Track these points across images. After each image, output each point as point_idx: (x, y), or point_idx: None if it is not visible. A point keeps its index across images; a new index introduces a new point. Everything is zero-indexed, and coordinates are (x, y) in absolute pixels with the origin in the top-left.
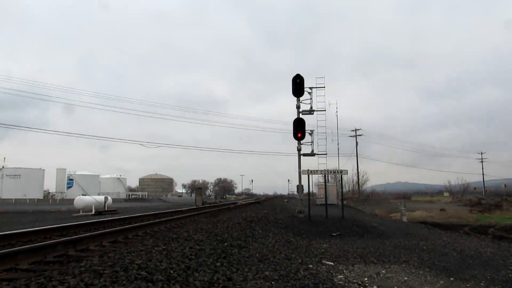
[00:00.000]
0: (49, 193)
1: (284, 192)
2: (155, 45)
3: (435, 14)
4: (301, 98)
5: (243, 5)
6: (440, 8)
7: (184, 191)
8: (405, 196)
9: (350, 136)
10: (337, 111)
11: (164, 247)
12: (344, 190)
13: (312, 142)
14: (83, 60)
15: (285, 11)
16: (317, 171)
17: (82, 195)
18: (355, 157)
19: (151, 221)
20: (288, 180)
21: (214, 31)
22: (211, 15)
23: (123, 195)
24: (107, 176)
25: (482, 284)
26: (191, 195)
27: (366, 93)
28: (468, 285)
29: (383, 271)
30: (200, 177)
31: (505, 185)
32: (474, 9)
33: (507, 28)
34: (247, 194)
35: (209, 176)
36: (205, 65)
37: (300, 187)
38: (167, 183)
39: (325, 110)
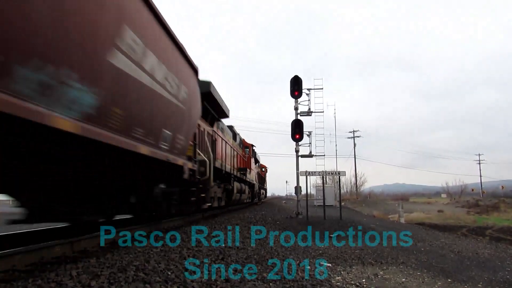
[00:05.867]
0: None
1: (282, 193)
2: None
3: (434, 16)
4: (299, 100)
5: (243, 6)
6: (439, 10)
7: None
8: (403, 197)
9: (348, 138)
10: (335, 113)
11: (161, 248)
12: (342, 191)
13: (310, 143)
14: None
15: (284, 12)
16: (315, 172)
17: None
18: (353, 158)
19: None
20: (286, 182)
21: (213, 31)
22: (210, 16)
23: None
24: None
25: (479, 285)
26: None
27: (365, 95)
28: (465, 286)
29: (381, 273)
30: None
31: (502, 186)
32: (474, 11)
33: (505, 31)
34: None
35: None
36: (204, 65)
37: (298, 189)
38: None
39: (323, 112)
